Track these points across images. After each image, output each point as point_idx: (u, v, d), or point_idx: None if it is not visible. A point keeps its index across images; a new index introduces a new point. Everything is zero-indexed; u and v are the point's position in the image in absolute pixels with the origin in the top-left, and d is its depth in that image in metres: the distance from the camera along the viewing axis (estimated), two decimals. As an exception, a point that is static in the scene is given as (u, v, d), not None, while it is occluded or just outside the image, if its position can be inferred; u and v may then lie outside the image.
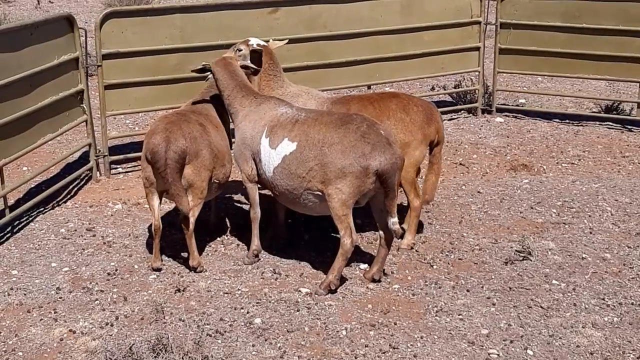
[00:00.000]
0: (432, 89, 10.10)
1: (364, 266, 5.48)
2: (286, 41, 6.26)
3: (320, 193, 5.06)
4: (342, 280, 5.24)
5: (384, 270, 5.33)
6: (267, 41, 6.09)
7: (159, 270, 5.39)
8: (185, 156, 5.18)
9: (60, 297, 5.05)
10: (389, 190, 4.97)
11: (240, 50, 5.90)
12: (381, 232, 5.21)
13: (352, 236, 5.02)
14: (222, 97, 5.66)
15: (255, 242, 5.53)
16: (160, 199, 5.37)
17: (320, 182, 5.01)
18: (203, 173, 5.32)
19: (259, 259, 5.56)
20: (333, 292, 5.10)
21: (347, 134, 4.97)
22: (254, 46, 5.89)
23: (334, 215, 5.03)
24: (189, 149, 5.20)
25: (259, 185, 5.52)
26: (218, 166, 5.46)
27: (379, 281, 5.27)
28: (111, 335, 4.60)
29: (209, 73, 5.74)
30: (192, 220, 5.29)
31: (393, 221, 5.03)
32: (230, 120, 5.77)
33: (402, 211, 6.38)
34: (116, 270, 5.42)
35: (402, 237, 5.53)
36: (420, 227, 6.08)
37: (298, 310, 4.88)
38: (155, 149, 5.14)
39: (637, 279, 5.29)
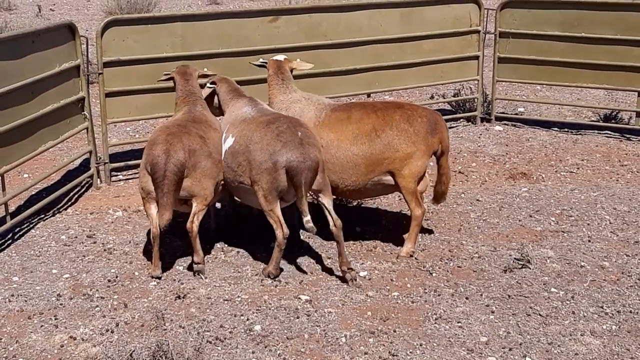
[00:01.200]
0: (432, 97, 10.15)
1: (363, 274, 5.50)
2: (311, 65, 6.53)
3: (249, 187, 5.40)
4: (339, 287, 5.27)
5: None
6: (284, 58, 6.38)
7: (158, 278, 5.42)
8: (183, 169, 5.27)
9: (61, 304, 5.07)
10: (297, 188, 5.18)
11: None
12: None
13: (282, 229, 5.26)
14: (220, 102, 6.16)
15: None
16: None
17: (248, 177, 5.37)
18: (204, 182, 5.41)
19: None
20: (273, 277, 5.39)
21: (267, 133, 5.31)
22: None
23: (262, 209, 5.36)
24: (187, 162, 5.29)
25: None
26: (222, 171, 5.60)
27: (354, 280, 5.34)
28: (111, 342, 4.62)
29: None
30: (196, 224, 5.41)
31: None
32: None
33: (406, 219, 6.43)
34: (116, 277, 5.45)
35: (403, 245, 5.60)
36: (419, 235, 6.10)
37: (298, 318, 4.90)
38: (155, 161, 5.21)
39: (636, 287, 5.32)
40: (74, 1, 18.22)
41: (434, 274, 5.52)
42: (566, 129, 9.00)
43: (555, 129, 9.03)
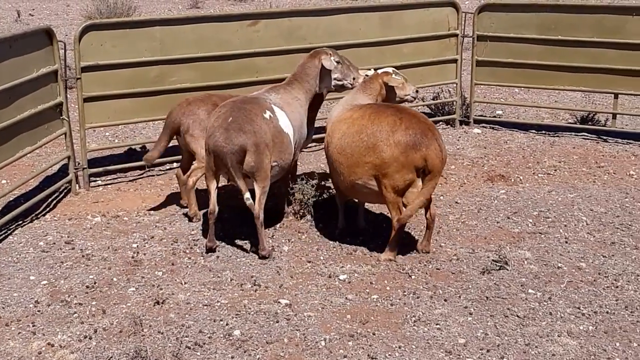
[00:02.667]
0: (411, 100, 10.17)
1: (343, 277, 5.52)
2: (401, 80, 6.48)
3: None
4: (319, 291, 5.29)
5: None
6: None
7: (213, 250, 5.81)
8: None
9: (39, 311, 5.04)
10: (228, 170, 5.64)
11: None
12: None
13: (210, 205, 5.76)
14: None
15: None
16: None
17: None
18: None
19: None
20: (208, 251, 5.86)
21: (213, 115, 5.85)
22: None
23: None
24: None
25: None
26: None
27: (267, 258, 5.73)
28: (90, 349, 4.60)
29: None
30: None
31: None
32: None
33: (386, 222, 6.44)
34: (95, 283, 5.43)
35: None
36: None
37: (277, 322, 4.91)
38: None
39: (612, 288, 5.37)
40: (54, 6, 18.14)
41: (413, 277, 5.55)
42: (544, 131, 9.08)
43: (533, 131, 9.10)
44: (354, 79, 6.41)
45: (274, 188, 6.17)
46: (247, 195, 5.63)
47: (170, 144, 6.79)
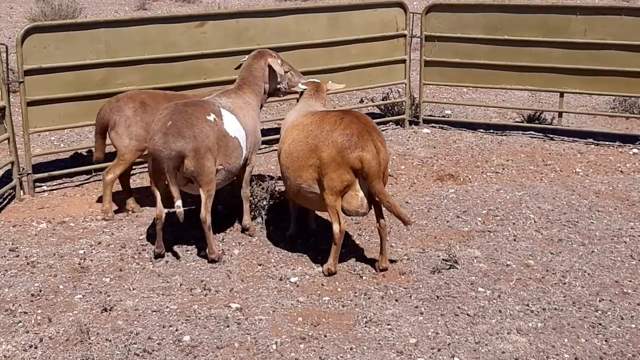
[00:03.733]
0: (361, 101, 10.22)
1: (294, 279, 5.49)
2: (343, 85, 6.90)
3: None
4: (270, 294, 5.26)
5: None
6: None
7: (161, 256, 5.72)
8: None
9: (-18, 321, 4.92)
10: (165, 174, 5.55)
11: None
12: None
13: (157, 209, 5.68)
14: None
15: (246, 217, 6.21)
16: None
17: None
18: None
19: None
20: (157, 257, 5.77)
21: (156, 118, 5.76)
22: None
23: None
24: None
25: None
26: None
27: (217, 261, 5.70)
28: (35, 358, 4.49)
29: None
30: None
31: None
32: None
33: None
34: (40, 291, 5.30)
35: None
36: (348, 238, 6.13)
37: (228, 326, 4.86)
38: None
39: (560, 284, 5.44)
40: (-4, 8, 17.76)
41: (364, 277, 5.55)
42: (492, 130, 9.18)
43: (481, 130, 9.19)
44: (300, 84, 6.41)
45: (236, 192, 6.16)
46: (179, 202, 5.50)
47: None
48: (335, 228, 5.45)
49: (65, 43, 7.10)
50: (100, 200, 6.90)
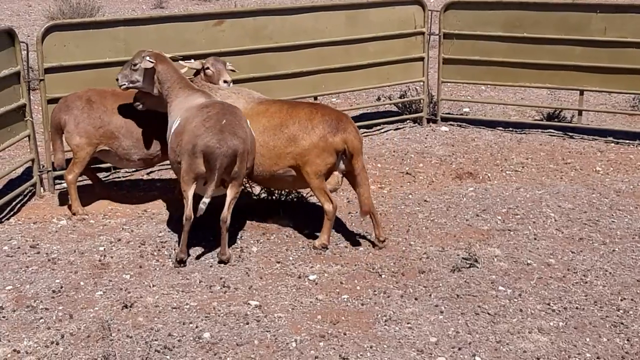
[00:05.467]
0: (378, 99, 10.20)
1: (312, 277, 5.49)
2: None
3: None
4: (289, 292, 5.26)
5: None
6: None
7: (184, 262, 5.62)
8: None
9: (4, 317, 4.93)
10: (211, 172, 5.45)
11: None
12: None
13: (187, 211, 5.54)
14: (160, 88, 6.13)
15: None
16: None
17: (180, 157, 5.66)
18: None
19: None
20: (180, 263, 5.63)
21: (197, 116, 5.60)
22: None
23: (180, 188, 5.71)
24: None
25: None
26: None
27: (227, 263, 5.65)
28: (57, 355, 4.51)
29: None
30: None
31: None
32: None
33: (354, 222, 6.43)
34: (61, 287, 5.33)
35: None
36: (368, 237, 6.12)
37: (247, 324, 4.86)
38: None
39: (581, 283, 5.40)
40: (15, 6, 17.83)
41: (383, 276, 5.53)
42: (510, 129, 9.13)
43: (500, 128, 9.15)
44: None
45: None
46: (207, 200, 5.44)
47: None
48: (328, 207, 5.87)
49: (85, 41, 7.11)
50: (119, 199, 6.94)
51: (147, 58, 6.07)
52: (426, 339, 4.71)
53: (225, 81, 6.46)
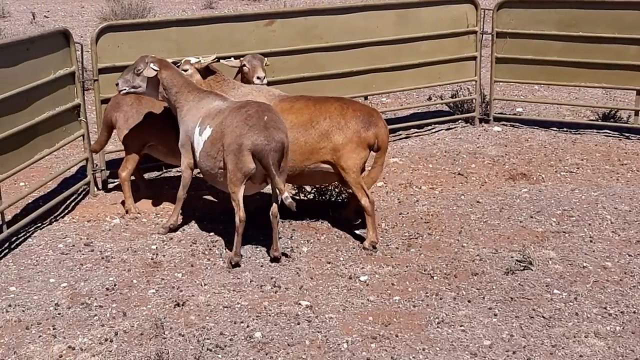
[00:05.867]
0: (429, 98, 10.11)
1: (364, 278, 5.45)
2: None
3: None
4: (340, 292, 5.24)
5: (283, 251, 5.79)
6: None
7: (238, 265, 5.61)
8: None
9: (59, 313, 5.01)
10: (267, 170, 5.47)
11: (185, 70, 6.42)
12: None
13: (240, 212, 5.55)
14: (166, 94, 6.12)
15: (174, 217, 6.23)
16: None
17: (222, 161, 5.64)
18: None
19: (174, 231, 6.19)
20: (235, 266, 5.58)
21: (236, 116, 5.59)
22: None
23: (229, 191, 5.65)
24: None
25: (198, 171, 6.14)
26: None
27: (278, 260, 5.65)
28: (111, 352, 4.56)
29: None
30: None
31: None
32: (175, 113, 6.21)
33: (405, 222, 6.39)
34: (115, 285, 5.39)
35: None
36: (419, 238, 6.07)
37: (298, 324, 4.85)
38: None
39: (639, 287, 5.27)
40: (68, 7, 18.17)
41: (435, 277, 5.47)
42: (565, 129, 8.97)
43: (554, 128, 8.99)
44: None
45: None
46: (287, 194, 5.43)
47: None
48: (365, 202, 5.89)
49: (138, 42, 7.19)
50: (171, 198, 6.99)
51: (151, 65, 6.05)
52: (480, 342, 4.64)
53: (258, 77, 6.51)
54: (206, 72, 6.43)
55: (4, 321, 4.92)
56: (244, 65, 6.59)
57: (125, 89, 6.16)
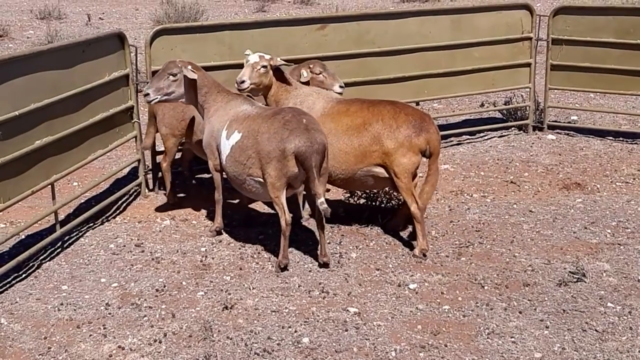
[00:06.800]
0: (482, 105, 10.00)
1: (413, 286, 5.40)
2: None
3: (259, 179, 5.63)
4: (388, 300, 5.19)
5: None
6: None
7: (286, 269, 5.61)
8: None
9: (110, 313, 5.06)
10: (308, 172, 5.45)
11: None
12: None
13: (285, 216, 5.53)
14: (196, 94, 6.09)
15: (218, 220, 6.25)
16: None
17: (258, 169, 5.60)
18: None
19: (221, 234, 6.23)
20: (283, 269, 5.59)
21: (273, 123, 5.56)
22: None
23: (271, 198, 5.60)
24: None
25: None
26: None
27: (327, 266, 5.62)
28: (159, 353, 4.59)
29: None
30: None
31: (320, 201, 5.41)
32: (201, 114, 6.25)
33: (456, 230, 6.32)
34: (164, 286, 5.42)
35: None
36: (470, 247, 5.99)
37: (346, 330, 4.82)
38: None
39: (697, 303, 5.12)
40: (123, 10, 18.45)
41: (485, 287, 5.39)
42: (621, 138, 8.78)
43: (610, 137, 8.81)
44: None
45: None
46: (323, 199, 5.45)
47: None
48: (414, 208, 5.85)
49: (192, 45, 7.24)
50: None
51: (190, 67, 6.04)
52: (530, 354, 4.55)
53: (341, 86, 6.71)
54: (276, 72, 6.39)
55: (56, 319, 4.99)
56: (320, 72, 6.67)
57: (157, 98, 6.04)
